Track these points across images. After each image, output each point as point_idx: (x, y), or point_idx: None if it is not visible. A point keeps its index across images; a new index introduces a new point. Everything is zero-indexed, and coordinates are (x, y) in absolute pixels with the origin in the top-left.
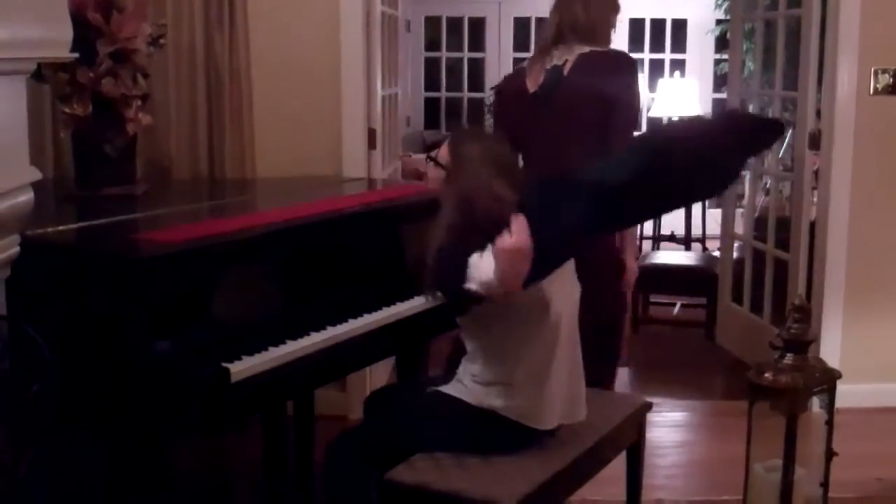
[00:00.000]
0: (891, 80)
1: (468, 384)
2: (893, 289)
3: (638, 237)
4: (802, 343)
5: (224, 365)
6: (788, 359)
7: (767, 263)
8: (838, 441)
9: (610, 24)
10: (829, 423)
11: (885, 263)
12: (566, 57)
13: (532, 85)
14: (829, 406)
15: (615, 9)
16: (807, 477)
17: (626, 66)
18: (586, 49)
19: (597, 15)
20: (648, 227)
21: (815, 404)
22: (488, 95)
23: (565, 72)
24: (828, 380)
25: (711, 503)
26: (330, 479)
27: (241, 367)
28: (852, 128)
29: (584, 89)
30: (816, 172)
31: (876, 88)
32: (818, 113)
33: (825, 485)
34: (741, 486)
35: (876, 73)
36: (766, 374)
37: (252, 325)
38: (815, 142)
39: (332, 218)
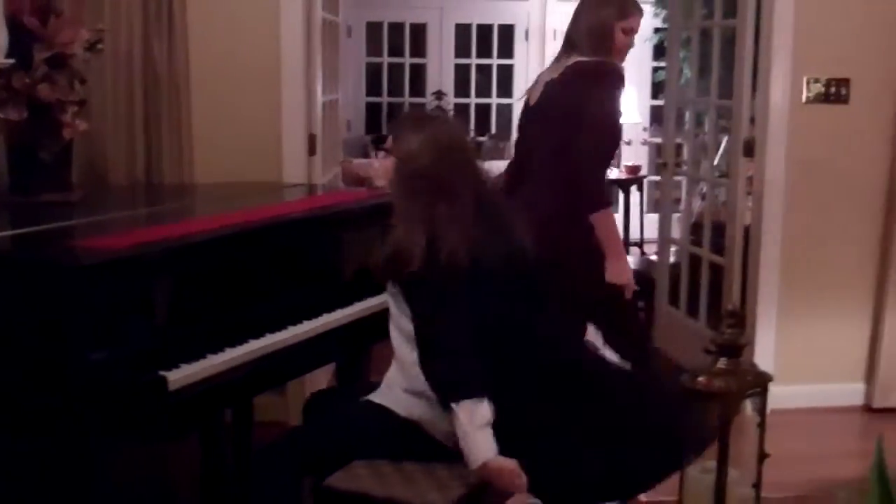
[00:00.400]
0: (822, 88)
1: (397, 393)
2: (826, 292)
3: None
4: (735, 347)
5: (161, 373)
6: (722, 363)
7: (703, 268)
8: (772, 442)
9: (608, 34)
10: (762, 425)
11: (817, 268)
12: (562, 69)
13: (533, 97)
14: (762, 409)
15: (617, 17)
16: (740, 478)
17: (600, 79)
18: (576, 60)
19: (591, 23)
20: None
21: (748, 407)
22: (430, 101)
23: (554, 84)
24: (760, 383)
25: None
26: (259, 485)
27: (179, 375)
28: (785, 135)
29: (559, 102)
30: (751, 179)
31: (808, 97)
32: (752, 120)
33: (757, 485)
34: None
35: (808, 82)
36: (700, 379)
37: (191, 333)
38: (749, 149)
39: (271, 224)
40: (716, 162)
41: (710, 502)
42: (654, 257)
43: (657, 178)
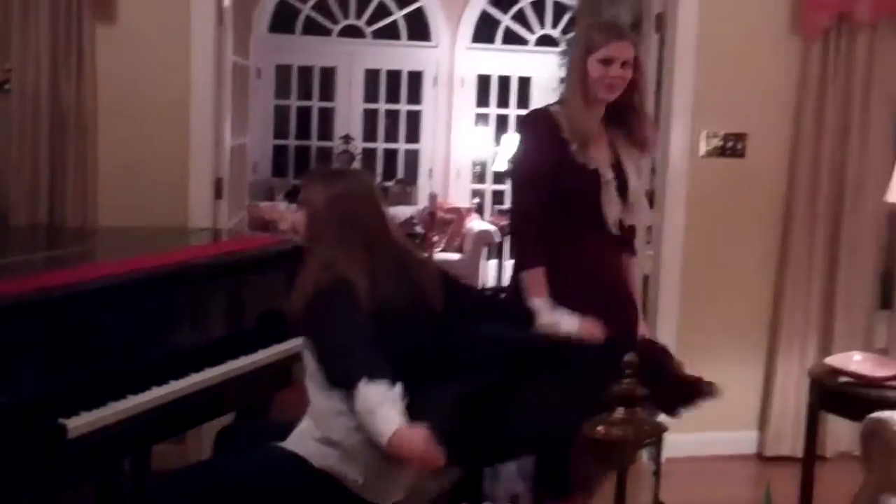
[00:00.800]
0: (720, 143)
1: (310, 443)
2: (721, 342)
3: (481, 287)
4: (632, 398)
5: (61, 420)
6: (619, 413)
7: None
8: (668, 490)
9: (577, 73)
10: (657, 473)
11: (713, 317)
12: None
13: None
14: (657, 458)
15: (585, 51)
16: None
17: (519, 129)
18: None
19: (566, 69)
20: (492, 277)
21: (644, 456)
22: (337, 145)
23: None
24: (655, 432)
25: None
26: None
27: (79, 423)
28: (684, 187)
29: None
30: (651, 229)
31: (706, 151)
32: (654, 172)
33: None
34: None
35: (706, 137)
36: (599, 428)
37: (92, 379)
38: (649, 199)
39: (174, 270)
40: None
41: None
42: None
43: None
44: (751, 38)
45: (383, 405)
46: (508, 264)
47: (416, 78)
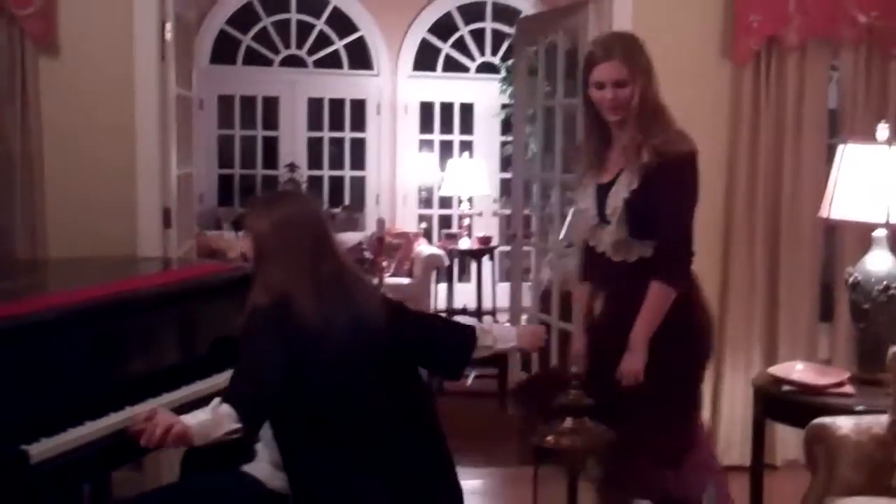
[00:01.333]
0: None
1: (264, 466)
2: None
3: (432, 311)
4: (580, 408)
5: (22, 447)
6: (568, 423)
7: (553, 334)
8: None
9: (584, 97)
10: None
11: None
12: None
13: None
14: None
15: (585, 79)
16: None
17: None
18: None
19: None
20: (442, 300)
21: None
22: (283, 173)
23: None
24: (604, 441)
25: None
26: None
27: (41, 449)
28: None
29: None
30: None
31: None
32: None
33: None
34: None
35: None
36: (549, 438)
37: (50, 407)
38: None
39: (127, 298)
40: (563, 233)
41: None
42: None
43: (508, 248)
44: (683, 63)
45: (215, 421)
46: (458, 287)
47: (359, 106)
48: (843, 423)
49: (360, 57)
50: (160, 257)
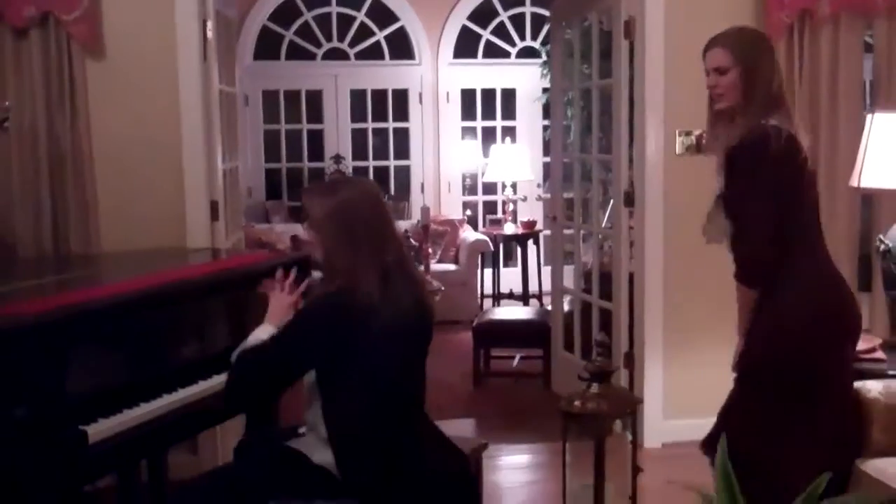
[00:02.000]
0: (693, 141)
1: (312, 440)
2: (707, 331)
3: (479, 296)
4: (606, 373)
5: (82, 427)
6: (594, 388)
7: (594, 314)
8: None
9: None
10: (633, 442)
11: (698, 308)
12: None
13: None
14: (633, 427)
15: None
16: (617, 491)
17: None
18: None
19: None
20: (488, 286)
21: (620, 427)
22: (328, 165)
23: None
24: (629, 404)
25: None
26: None
27: (99, 429)
28: (661, 186)
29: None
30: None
31: (681, 149)
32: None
33: (633, 497)
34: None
35: (680, 135)
36: (576, 403)
37: (108, 390)
38: (629, 200)
39: (178, 285)
40: (607, 214)
41: None
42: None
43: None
44: None
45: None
46: (504, 272)
47: (401, 96)
48: (873, 387)
49: (401, 47)
50: (209, 248)
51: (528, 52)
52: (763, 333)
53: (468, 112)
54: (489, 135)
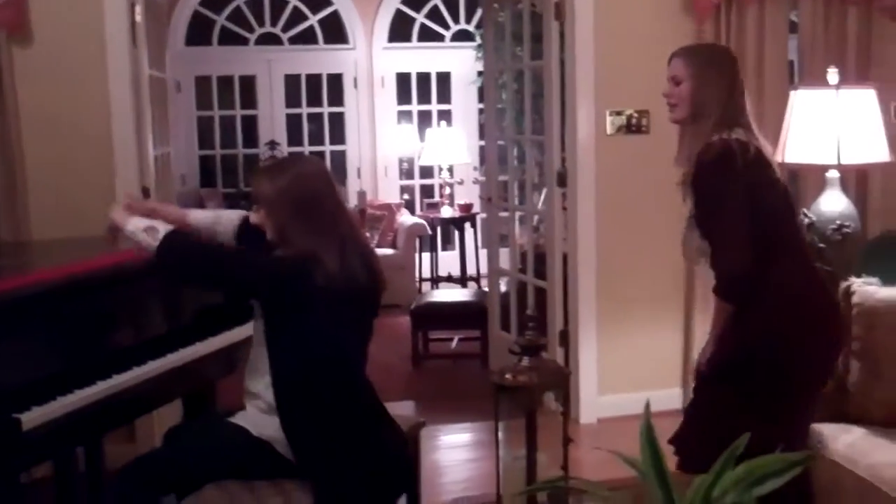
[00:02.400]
0: (623, 121)
1: (253, 413)
2: (640, 308)
3: (417, 280)
4: (536, 346)
5: (15, 416)
6: (525, 361)
7: (529, 293)
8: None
9: None
10: (564, 414)
11: (631, 285)
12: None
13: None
14: (564, 399)
15: None
16: (549, 462)
17: None
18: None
19: None
20: (427, 269)
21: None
22: (263, 151)
23: None
24: (559, 377)
25: (470, 499)
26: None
27: (32, 416)
28: (593, 165)
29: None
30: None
31: (612, 129)
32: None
33: (565, 466)
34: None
35: (611, 115)
36: (507, 376)
37: (41, 377)
38: (562, 180)
39: (109, 272)
40: (542, 196)
41: (524, 483)
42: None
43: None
44: (645, 20)
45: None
46: (442, 255)
47: (336, 80)
48: None
49: (335, 31)
50: None
51: (462, 36)
52: (737, 339)
53: (403, 96)
54: (425, 118)
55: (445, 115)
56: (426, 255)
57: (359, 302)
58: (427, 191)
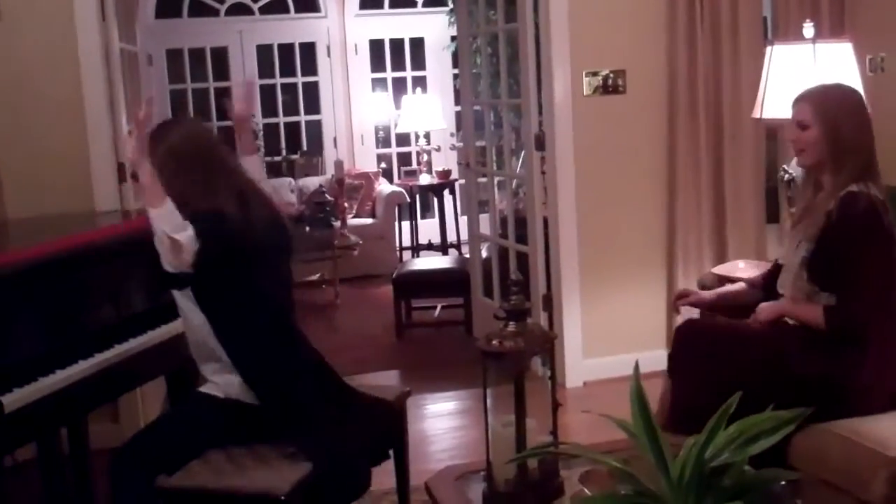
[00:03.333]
0: (600, 81)
1: (214, 379)
2: (622, 270)
3: (398, 248)
4: (521, 311)
5: None
6: (511, 326)
7: (511, 258)
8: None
9: None
10: (552, 378)
11: (612, 247)
12: None
13: None
14: (551, 363)
15: None
16: (538, 427)
17: None
18: None
19: None
20: (407, 237)
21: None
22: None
23: None
24: (545, 341)
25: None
26: (116, 489)
27: (14, 398)
28: (571, 128)
29: None
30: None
31: (588, 90)
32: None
33: (554, 431)
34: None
35: (587, 76)
36: (494, 342)
37: (22, 358)
38: (540, 144)
39: (87, 249)
40: (520, 160)
41: (513, 450)
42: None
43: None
44: None
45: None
46: (421, 223)
47: (309, 49)
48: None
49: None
50: (118, 210)
51: (434, 1)
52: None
53: (377, 64)
54: (400, 86)
55: (420, 82)
56: (406, 224)
57: (273, 246)
58: (404, 158)
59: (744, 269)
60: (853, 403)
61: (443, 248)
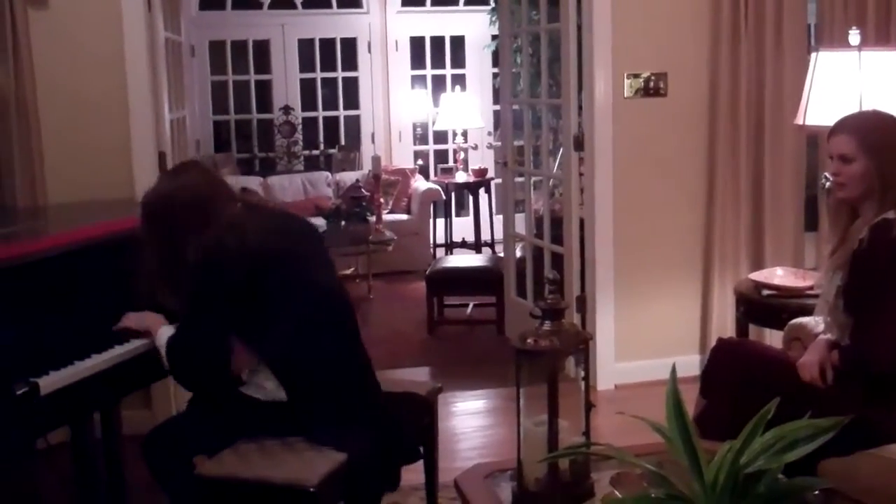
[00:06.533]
0: (641, 84)
1: (264, 384)
2: (658, 274)
3: (432, 245)
4: (557, 311)
5: (33, 380)
6: (547, 325)
7: (545, 258)
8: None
9: None
10: (585, 379)
11: (648, 251)
12: None
13: None
14: (585, 364)
15: None
16: (571, 427)
17: None
18: None
19: None
20: (441, 234)
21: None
22: (278, 116)
23: None
24: (580, 341)
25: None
26: (153, 464)
27: (50, 381)
28: (611, 129)
29: None
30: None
31: (629, 92)
32: (580, 117)
33: (587, 432)
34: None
35: (628, 78)
36: (529, 340)
37: (58, 343)
38: (579, 144)
39: (127, 235)
40: (557, 160)
41: (545, 450)
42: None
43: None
44: None
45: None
46: (456, 221)
47: (350, 45)
48: (820, 321)
49: None
50: None
51: (477, 0)
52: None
53: (417, 60)
54: (439, 83)
55: (459, 80)
56: (440, 221)
57: (303, 245)
58: (441, 156)
59: (782, 277)
60: (886, 442)
61: (477, 246)
